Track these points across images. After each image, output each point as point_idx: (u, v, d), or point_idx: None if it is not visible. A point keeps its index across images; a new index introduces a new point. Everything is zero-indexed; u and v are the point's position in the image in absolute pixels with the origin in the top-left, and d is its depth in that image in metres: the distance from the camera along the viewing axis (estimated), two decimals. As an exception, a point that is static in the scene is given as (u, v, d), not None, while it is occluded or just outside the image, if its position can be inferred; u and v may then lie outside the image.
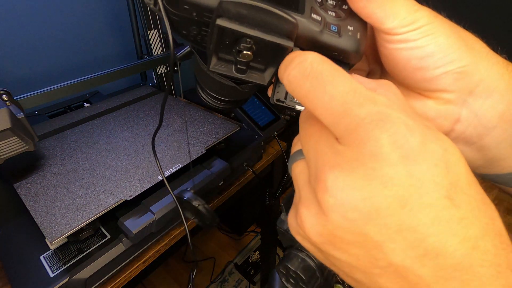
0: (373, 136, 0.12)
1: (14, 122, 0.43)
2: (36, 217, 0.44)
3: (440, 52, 0.17)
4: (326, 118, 0.14)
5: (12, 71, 0.76)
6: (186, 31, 0.17)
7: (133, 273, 0.51)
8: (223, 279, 1.29)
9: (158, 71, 0.88)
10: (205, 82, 0.24)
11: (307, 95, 0.14)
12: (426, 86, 0.18)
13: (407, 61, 0.17)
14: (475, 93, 0.18)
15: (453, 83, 0.17)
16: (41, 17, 0.77)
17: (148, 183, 0.50)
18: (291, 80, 0.15)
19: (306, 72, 0.15)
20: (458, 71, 0.17)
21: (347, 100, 0.13)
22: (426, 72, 0.17)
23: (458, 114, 0.19)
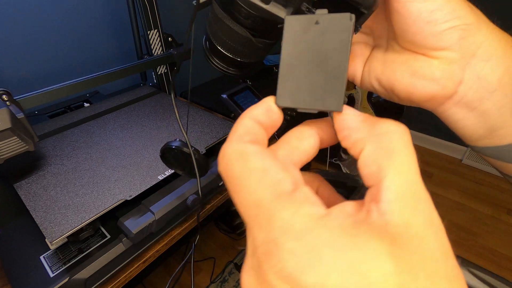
0: (264, 268, 0.12)
1: (14, 122, 0.43)
2: (36, 217, 0.44)
3: (449, 7, 0.18)
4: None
5: (12, 71, 0.76)
6: None
7: (133, 273, 0.51)
8: (223, 279, 1.29)
9: (158, 71, 0.88)
10: (218, 36, 0.24)
11: (232, 195, 0.14)
12: (434, 42, 0.19)
13: (419, 13, 0.18)
14: (477, 56, 0.19)
15: (458, 41, 0.19)
16: (41, 17, 0.77)
17: (148, 183, 0.50)
18: (221, 175, 0.15)
19: (224, 172, 0.14)
20: (463, 28, 0.18)
21: (251, 216, 0.13)
22: (434, 26, 0.18)
23: (461, 76, 0.19)
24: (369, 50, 0.24)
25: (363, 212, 0.12)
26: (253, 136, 0.15)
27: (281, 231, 0.12)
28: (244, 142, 0.14)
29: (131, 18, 0.83)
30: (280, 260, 0.11)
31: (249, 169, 0.13)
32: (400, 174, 0.13)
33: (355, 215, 0.12)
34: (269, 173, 0.13)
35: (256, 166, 0.13)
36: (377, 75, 0.22)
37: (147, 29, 0.81)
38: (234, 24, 0.22)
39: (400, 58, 0.21)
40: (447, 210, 1.48)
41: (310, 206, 0.12)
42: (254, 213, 0.13)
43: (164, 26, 0.85)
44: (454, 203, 1.52)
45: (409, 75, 0.20)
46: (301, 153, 0.16)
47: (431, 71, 0.20)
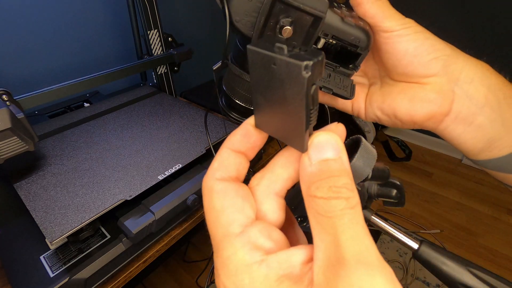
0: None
1: (14, 122, 0.43)
2: (36, 217, 0.44)
3: (429, 43, 0.23)
4: None
5: (12, 71, 0.76)
6: (238, 17, 0.21)
7: (133, 273, 0.51)
8: (223, 279, 1.29)
9: (158, 71, 0.88)
10: (236, 91, 0.28)
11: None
12: (423, 71, 0.23)
13: (405, 50, 0.23)
14: (461, 79, 0.23)
15: (442, 69, 0.23)
16: (41, 17, 0.77)
17: (148, 183, 0.50)
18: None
19: (202, 194, 0.16)
20: (444, 58, 0.23)
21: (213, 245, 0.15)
22: (420, 58, 0.23)
23: (452, 96, 0.23)
24: (366, 88, 0.28)
25: (305, 268, 0.13)
26: (225, 171, 0.16)
27: (221, 265, 0.14)
28: (214, 178, 0.16)
29: (131, 18, 0.83)
30: (219, 284, 0.14)
31: (211, 207, 0.15)
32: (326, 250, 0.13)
33: (292, 268, 0.13)
34: (224, 214, 0.15)
35: (215, 206, 0.15)
36: (379, 105, 0.26)
37: (147, 29, 0.81)
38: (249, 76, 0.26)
39: (396, 89, 0.25)
40: (447, 210, 1.48)
41: (247, 251, 0.14)
42: (212, 240, 0.15)
43: (164, 26, 0.85)
44: (454, 203, 1.52)
45: (408, 101, 0.24)
46: (284, 181, 0.16)
47: (425, 95, 0.23)
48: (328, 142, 0.14)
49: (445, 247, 0.32)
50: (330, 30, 0.22)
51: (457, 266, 0.29)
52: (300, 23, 0.21)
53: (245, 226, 0.14)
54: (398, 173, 1.73)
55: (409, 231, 0.35)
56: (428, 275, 1.16)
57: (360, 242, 0.12)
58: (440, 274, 0.30)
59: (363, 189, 0.36)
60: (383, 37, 0.23)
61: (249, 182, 0.17)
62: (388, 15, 0.22)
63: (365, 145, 0.17)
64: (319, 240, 0.13)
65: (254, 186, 0.16)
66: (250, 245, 0.14)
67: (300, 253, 0.14)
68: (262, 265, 0.13)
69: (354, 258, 0.12)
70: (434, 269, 0.31)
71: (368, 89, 0.27)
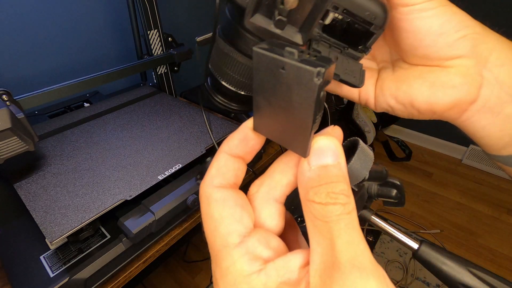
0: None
1: (14, 122, 0.43)
2: (36, 217, 0.44)
3: (456, 18, 0.19)
4: None
5: (12, 71, 0.76)
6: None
7: (133, 273, 0.51)
8: (223, 279, 1.29)
9: (158, 71, 0.88)
10: (223, 71, 0.24)
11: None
12: (448, 52, 0.20)
13: (429, 28, 0.19)
14: (490, 61, 0.19)
15: (471, 49, 0.19)
16: (41, 17, 0.77)
17: (148, 183, 0.50)
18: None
19: (200, 201, 0.16)
20: (474, 36, 0.19)
21: (209, 245, 0.15)
22: (447, 37, 0.19)
23: (480, 80, 0.20)
24: (375, 73, 0.24)
25: (303, 271, 0.14)
26: (223, 178, 0.16)
27: (220, 276, 0.14)
28: (212, 186, 0.16)
29: (131, 18, 0.83)
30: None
31: (209, 216, 0.15)
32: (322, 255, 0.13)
33: (290, 274, 0.14)
34: (223, 224, 0.15)
35: (214, 215, 0.15)
36: (393, 93, 0.22)
37: (147, 29, 0.81)
38: (242, 57, 0.22)
39: (413, 73, 0.21)
40: (447, 210, 1.48)
41: (245, 262, 0.14)
42: (210, 249, 0.15)
43: (164, 26, 0.85)
44: (454, 203, 1.52)
45: (428, 87, 0.21)
46: (284, 187, 0.16)
47: (449, 79, 0.20)
48: (327, 147, 0.14)
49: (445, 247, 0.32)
50: (342, 2, 0.18)
51: (457, 266, 0.29)
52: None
53: (244, 236, 0.15)
54: (398, 173, 1.73)
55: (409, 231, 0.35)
56: (428, 275, 1.16)
57: (355, 246, 0.13)
58: (440, 274, 0.30)
59: (363, 189, 0.36)
60: (402, 12, 0.19)
61: (248, 189, 0.17)
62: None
63: (362, 148, 0.17)
64: (316, 243, 0.13)
65: (254, 194, 0.16)
66: (249, 255, 0.14)
67: (298, 258, 0.14)
68: (260, 274, 0.13)
69: (349, 262, 0.12)
70: (434, 269, 0.31)
71: (378, 75, 0.24)
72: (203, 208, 0.16)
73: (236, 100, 0.26)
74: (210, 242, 0.15)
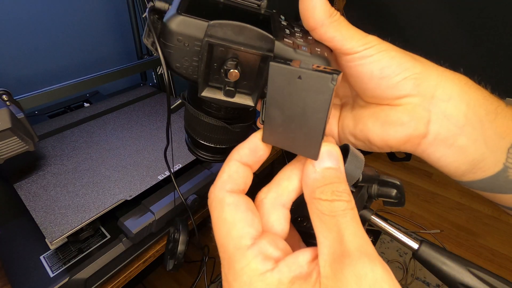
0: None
1: (14, 122, 0.43)
2: (36, 217, 0.44)
3: (395, 62, 0.20)
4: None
5: (12, 71, 0.76)
6: (179, 64, 0.19)
7: (133, 273, 0.51)
8: (223, 279, 1.29)
9: (158, 71, 0.88)
10: (197, 131, 0.26)
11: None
12: (392, 93, 0.21)
13: (371, 73, 0.20)
14: (436, 96, 0.20)
15: (414, 88, 0.20)
16: (41, 17, 0.77)
17: (148, 183, 0.50)
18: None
19: (210, 205, 0.17)
20: (415, 77, 0.20)
21: (220, 255, 0.16)
22: (388, 80, 0.20)
23: (428, 116, 0.21)
24: (338, 110, 0.25)
25: (312, 265, 0.15)
26: (234, 183, 0.17)
27: (234, 277, 0.15)
28: (224, 190, 0.17)
29: (131, 18, 0.83)
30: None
31: (222, 220, 0.16)
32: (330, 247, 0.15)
33: (300, 268, 0.15)
34: (236, 227, 0.16)
35: (227, 218, 0.16)
36: (351, 131, 0.24)
37: (147, 29, 0.81)
38: (209, 118, 0.24)
39: (367, 112, 0.23)
40: (447, 210, 1.48)
41: (259, 262, 0.15)
42: (221, 252, 0.16)
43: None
44: (454, 203, 1.52)
45: (380, 125, 0.22)
46: (290, 192, 0.18)
47: (398, 117, 0.21)
48: (330, 152, 0.16)
49: (445, 247, 0.32)
50: None
51: (457, 266, 0.29)
52: (247, 62, 0.18)
53: (255, 238, 0.16)
54: (398, 173, 1.73)
55: (409, 231, 0.35)
56: (428, 275, 1.16)
57: (361, 237, 0.14)
58: (440, 274, 0.30)
59: (363, 189, 0.36)
60: (345, 60, 0.21)
61: (256, 195, 0.18)
62: (348, 36, 0.20)
63: (353, 152, 0.19)
64: (323, 237, 0.15)
65: (262, 200, 0.18)
66: (262, 255, 0.15)
67: (305, 254, 0.16)
68: (274, 272, 0.15)
69: (357, 250, 0.14)
70: (434, 269, 0.31)
71: (340, 112, 0.25)
72: (216, 212, 0.16)
73: (216, 152, 0.28)
74: (223, 245, 0.16)
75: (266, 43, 0.18)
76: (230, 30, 0.17)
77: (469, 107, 0.20)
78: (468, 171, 0.22)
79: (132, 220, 0.47)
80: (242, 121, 0.26)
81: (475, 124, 0.20)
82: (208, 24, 0.17)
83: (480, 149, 0.21)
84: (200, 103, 0.24)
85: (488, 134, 0.20)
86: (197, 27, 0.17)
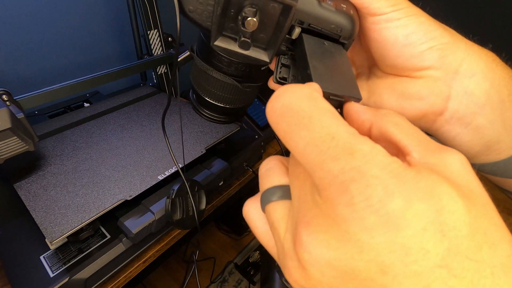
0: (344, 199, 0.11)
1: (14, 122, 0.43)
2: (36, 217, 0.44)
3: (423, 29, 0.19)
4: (303, 164, 0.13)
5: (12, 71, 0.76)
6: (192, 7, 0.17)
7: (133, 273, 0.51)
8: (223, 279, 1.29)
9: (158, 71, 0.88)
10: (205, 88, 0.24)
11: (284, 136, 0.13)
12: (415, 63, 0.19)
13: (395, 38, 0.19)
14: (460, 72, 0.19)
15: (438, 60, 0.19)
16: (41, 17, 0.77)
17: (148, 183, 0.50)
18: (270, 114, 0.14)
19: (283, 110, 0.13)
20: (441, 47, 0.19)
21: (323, 149, 0.12)
22: (412, 48, 0.19)
23: (448, 91, 0.20)
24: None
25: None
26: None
27: (364, 160, 0.11)
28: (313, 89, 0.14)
29: (131, 18, 0.83)
30: (367, 185, 0.11)
31: (321, 108, 0.13)
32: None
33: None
34: (340, 116, 0.13)
35: (327, 108, 0.13)
36: (364, 102, 0.22)
37: (147, 29, 0.81)
38: (219, 74, 0.23)
39: (383, 83, 0.22)
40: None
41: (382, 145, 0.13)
42: (326, 146, 0.12)
43: (164, 26, 0.85)
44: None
45: (396, 98, 0.21)
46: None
47: (417, 90, 0.20)
48: None
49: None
50: (306, 18, 0.18)
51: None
52: (267, 12, 0.17)
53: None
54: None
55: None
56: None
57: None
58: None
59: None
60: (370, 21, 0.19)
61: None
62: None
63: None
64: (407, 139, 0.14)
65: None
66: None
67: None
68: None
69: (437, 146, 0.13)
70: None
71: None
72: (305, 102, 0.13)
73: (222, 112, 0.27)
74: (325, 133, 0.12)
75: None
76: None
77: (493, 85, 0.19)
78: (482, 152, 0.21)
79: (132, 220, 0.47)
80: (252, 81, 0.24)
81: (496, 104, 0.19)
82: None
83: (497, 130, 0.20)
84: (210, 56, 0.22)
85: (507, 116, 0.19)
86: None
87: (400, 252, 0.10)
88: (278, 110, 0.13)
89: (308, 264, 0.12)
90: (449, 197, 0.11)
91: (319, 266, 0.12)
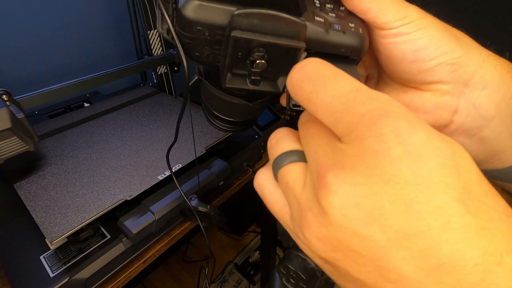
0: (373, 132, 0.12)
1: (14, 122, 0.43)
2: (36, 217, 0.44)
3: (433, 44, 0.18)
4: (327, 117, 0.13)
5: (12, 71, 0.76)
6: (199, 53, 0.17)
7: (133, 273, 0.51)
8: (223, 279, 1.29)
9: (158, 71, 0.88)
10: (216, 106, 0.25)
11: (309, 97, 0.14)
12: (423, 78, 0.19)
13: (403, 54, 0.18)
14: (471, 85, 0.18)
15: (448, 74, 0.18)
16: (41, 17, 0.77)
17: (148, 183, 0.50)
18: (293, 83, 0.15)
19: (308, 75, 0.14)
20: (452, 62, 0.18)
21: (349, 98, 0.13)
22: (421, 64, 0.18)
23: (455, 105, 0.19)
24: (363, 80, 0.24)
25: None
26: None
27: (388, 103, 0.12)
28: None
29: (131, 18, 0.83)
30: (394, 118, 0.12)
31: (340, 72, 0.14)
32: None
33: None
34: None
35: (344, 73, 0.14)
36: None
37: (147, 29, 0.81)
38: (229, 97, 0.23)
39: (390, 91, 0.21)
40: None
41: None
42: (352, 95, 0.13)
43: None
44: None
45: None
46: None
47: (422, 104, 0.19)
48: None
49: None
50: (314, 47, 0.18)
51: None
52: (275, 53, 0.16)
53: None
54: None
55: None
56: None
57: None
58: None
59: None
60: (378, 35, 0.19)
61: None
62: (384, 7, 0.17)
63: None
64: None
65: None
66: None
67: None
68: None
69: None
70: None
71: (364, 82, 0.23)
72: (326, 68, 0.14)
73: (237, 124, 0.27)
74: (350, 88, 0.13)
75: (297, 30, 0.16)
76: (257, 19, 0.15)
77: (504, 98, 0.18)
78: (485, 160, 0.20)
79: (132, 220, 0.47)
80: (262, 97, 0.24)
81: (505, 116, 0.18)
82: (232, 15, 0.15)
83: (503, 141, 0.19)
84: (219, 80, 0.22)
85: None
86: (218, 13, 0.15)
87: (423, 184, 0.11)
88: (303, 76, 0.15)
89: (331, 207, 0.12)
90: (459, 145, 0.12)
91: (343, 208, 0.12)
